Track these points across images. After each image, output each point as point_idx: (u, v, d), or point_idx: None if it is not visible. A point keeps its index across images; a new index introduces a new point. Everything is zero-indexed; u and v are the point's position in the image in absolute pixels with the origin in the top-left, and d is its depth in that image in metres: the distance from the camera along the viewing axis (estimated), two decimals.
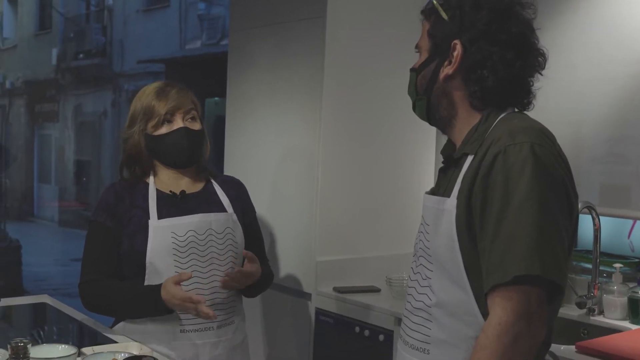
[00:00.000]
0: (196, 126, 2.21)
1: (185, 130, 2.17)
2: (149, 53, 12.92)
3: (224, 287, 2.14)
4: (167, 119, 2.17)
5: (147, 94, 2.20)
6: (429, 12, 1.58)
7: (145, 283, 2.11)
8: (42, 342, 1.86)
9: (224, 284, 2.12)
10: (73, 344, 1.83)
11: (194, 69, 10.96)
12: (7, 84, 17.70)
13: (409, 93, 1.64)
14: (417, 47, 1.63)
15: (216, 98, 10.30)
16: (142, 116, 2.18)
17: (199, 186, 2.26)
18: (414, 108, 1.64)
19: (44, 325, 2.45)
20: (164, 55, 12.41)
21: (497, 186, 1.39)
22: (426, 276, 1.53)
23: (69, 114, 16.10)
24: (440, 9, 1.54)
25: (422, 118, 1.63)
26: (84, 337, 2.22)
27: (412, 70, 1.62)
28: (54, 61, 16.44)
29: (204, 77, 9.34)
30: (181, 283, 2.04)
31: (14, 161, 16.18)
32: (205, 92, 10.14)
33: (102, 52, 15.17)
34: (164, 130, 2.17)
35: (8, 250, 9.10)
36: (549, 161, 1.40)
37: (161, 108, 2.16)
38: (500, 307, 1.36)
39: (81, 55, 15.64)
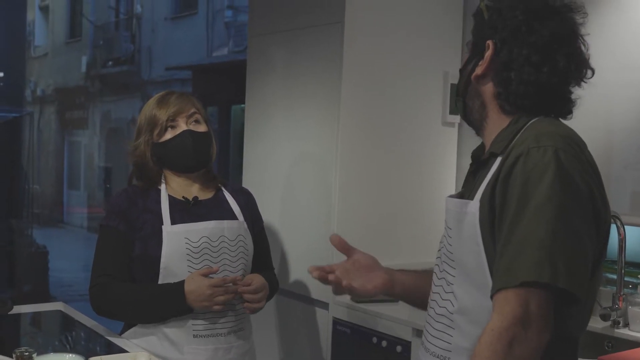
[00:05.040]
0: (201, 128, 2.22)
1: (189, 132, 2.18)
2: (176, 60, 13.02)
3: (251, 312, 2.19)
4: (171, 125, 2.19)
5: (149, 105, 2.23)
6: (476, 13, 1.56)
7: None
8: (51, 351, 1.83)
9: (249, 309, 2.17)
10: (82, 353, 1.81)
11: (220, 75, 11.00)
12: (38, 92, 17.94)
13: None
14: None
15: (242, 105, 10.31)
16: (147, 127, 2.20)
17: (210, 193, 2.27)
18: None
19: (56, 333, 2.44)
20: (191, 62, 12.49)
21: (515, 189, 1.34)
22: (449, 282, 1.48)
23: (97, 121, 16.26)
24: (484, 9, 1.51)
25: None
26: (95, 346, 2.20)
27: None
28: (83, 69, 16.63)
29: (230, 84, 9.35)
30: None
31: (44, 168, 16.37)
32: (231, 99, 10.17)
33: (131, 60, 15.31)
34: (168, 136, 2.19)
35: (35, 256, 9.19)
36: (572, 168, 1.34)
37: (163, 115, 2.18)
38: (497, 312, 1.31)
39: (110, 63, 15.80)
